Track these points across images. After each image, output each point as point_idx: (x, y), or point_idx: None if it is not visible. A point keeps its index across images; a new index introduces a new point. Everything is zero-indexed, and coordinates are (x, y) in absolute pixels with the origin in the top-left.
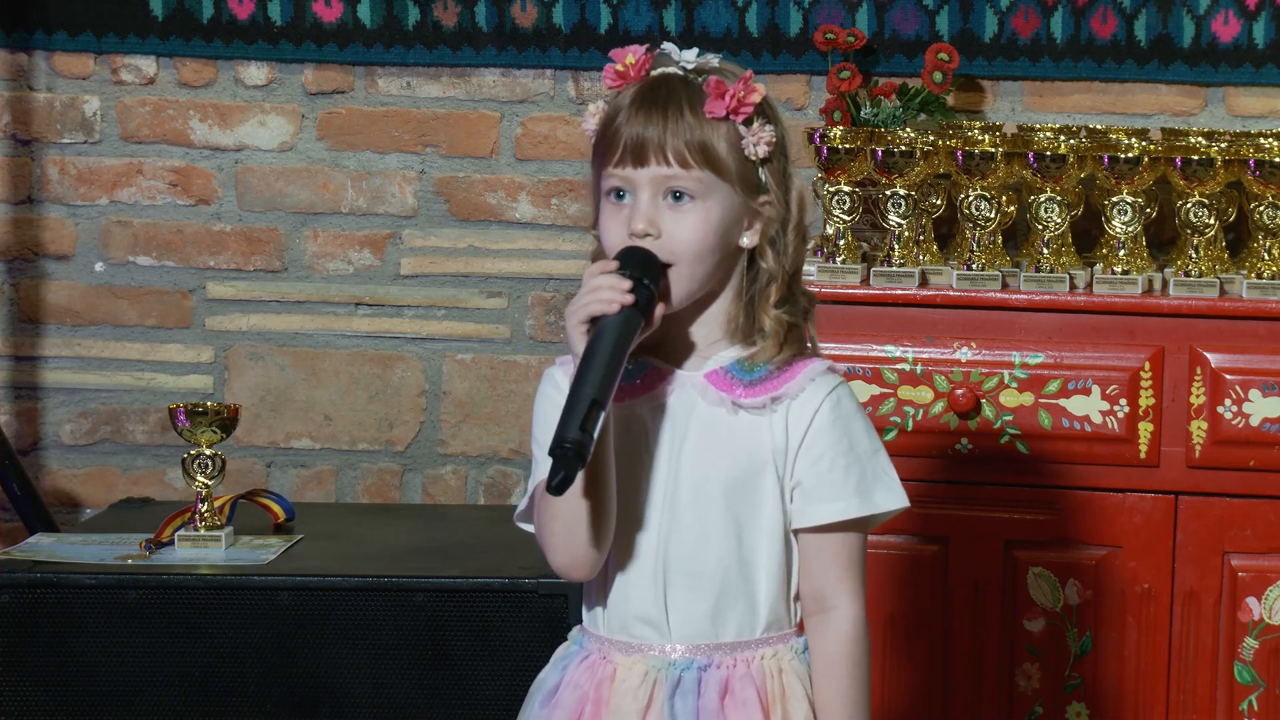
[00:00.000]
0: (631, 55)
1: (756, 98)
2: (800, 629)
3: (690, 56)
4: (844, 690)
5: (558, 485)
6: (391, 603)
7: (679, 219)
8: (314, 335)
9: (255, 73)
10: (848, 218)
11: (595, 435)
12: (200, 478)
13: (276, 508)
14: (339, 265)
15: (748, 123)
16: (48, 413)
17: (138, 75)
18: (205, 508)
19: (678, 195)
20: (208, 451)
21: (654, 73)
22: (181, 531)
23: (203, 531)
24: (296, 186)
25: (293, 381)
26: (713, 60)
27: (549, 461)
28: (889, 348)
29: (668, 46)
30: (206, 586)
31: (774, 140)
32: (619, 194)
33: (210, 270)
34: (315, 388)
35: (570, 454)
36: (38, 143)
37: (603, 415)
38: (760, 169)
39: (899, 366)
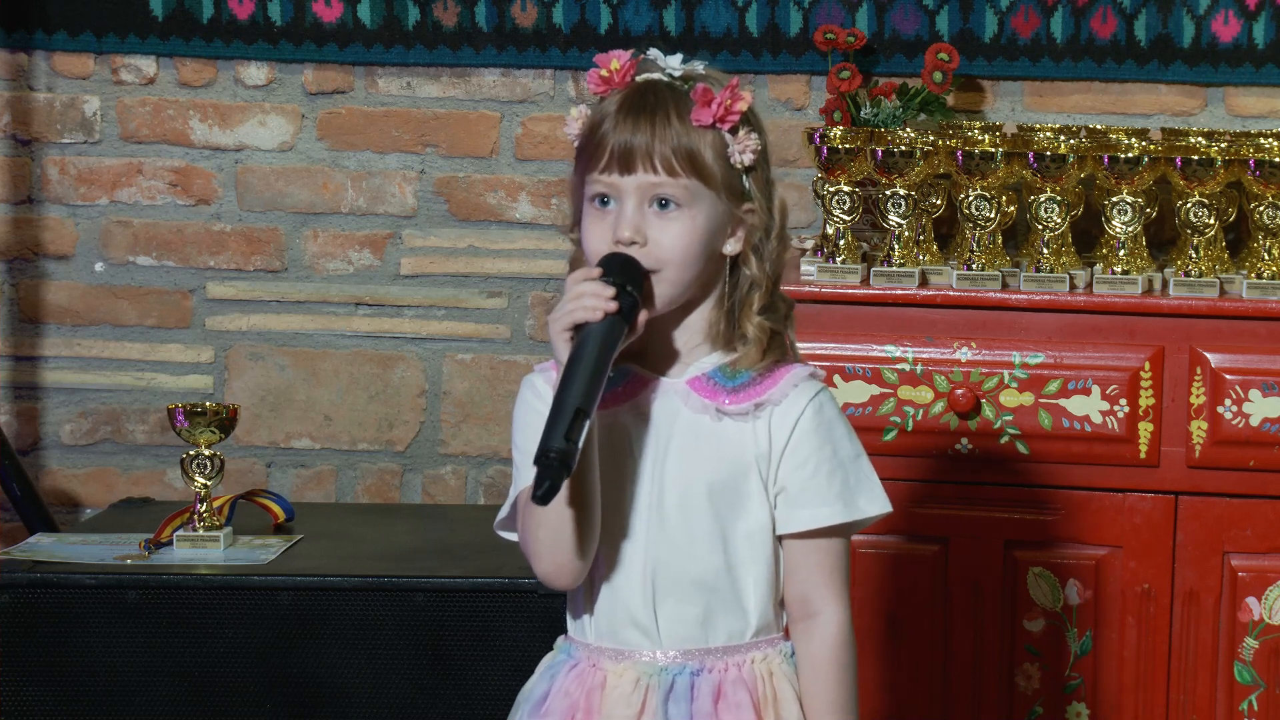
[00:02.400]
0: (616, 60)
1: (743, 105)
2: (788, 633)
3: (675, 63)
4: (831, 695)
5: (543, 495)
6: (391, 603)
7: (665, 226)
8: (314, 335)
9: (255, 73)
10: (848, 218)
11: (580, 444)
12: (199, 478)
13: (276, 508)
14: (339, 265)
15: (733, 130)
16: (48, 413)
17: (138, 75)
18: (204, 508)
19: (664, 203)
20: (206, 452)
21: (639, 79)
22: (180, 532)
23: (201, 532)
24: (296, 186)
25: (293, 381)
26: (698, 67)
27: (531, 469)
28: (889, 348)
29: (653, 53)
30: (206, 586)
31: (758, 148)
32: (603, 200)
33: (210, 270)
34: (315, 388)
35: (555, 463)
36: (38, 143)
37: (588, 424)
38: (745, 177)
39: (899, 366)
